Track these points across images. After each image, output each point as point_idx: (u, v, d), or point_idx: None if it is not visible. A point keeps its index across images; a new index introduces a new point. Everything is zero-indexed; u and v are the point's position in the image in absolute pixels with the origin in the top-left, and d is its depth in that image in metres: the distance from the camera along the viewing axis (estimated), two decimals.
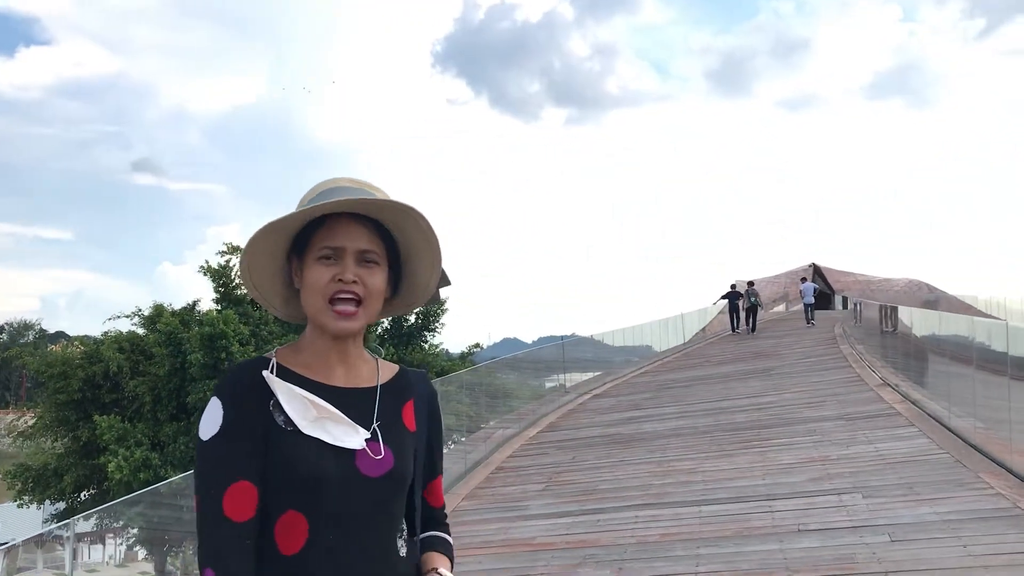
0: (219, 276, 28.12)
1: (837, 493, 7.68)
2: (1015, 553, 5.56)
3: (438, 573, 1.79)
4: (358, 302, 1.69)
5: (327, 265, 1.68)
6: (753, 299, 29.59)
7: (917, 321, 14.98)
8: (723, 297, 31.62)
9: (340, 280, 1.67)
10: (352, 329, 1.71)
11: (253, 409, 1.65)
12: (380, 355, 1.87)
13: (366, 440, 1.68)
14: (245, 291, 27.72)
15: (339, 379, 1.74)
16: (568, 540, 7.45)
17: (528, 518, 8.48)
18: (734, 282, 32.24)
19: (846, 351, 20.52)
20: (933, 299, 41.96)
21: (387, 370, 1.83)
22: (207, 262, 28.08)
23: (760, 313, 31.35)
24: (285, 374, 1.69)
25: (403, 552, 1.74)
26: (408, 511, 1.79)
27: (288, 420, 1.65)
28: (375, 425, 1.72)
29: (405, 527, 1.77)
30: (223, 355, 23.70)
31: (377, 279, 1.71)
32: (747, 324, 29.97)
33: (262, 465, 1.63)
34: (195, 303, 28.06)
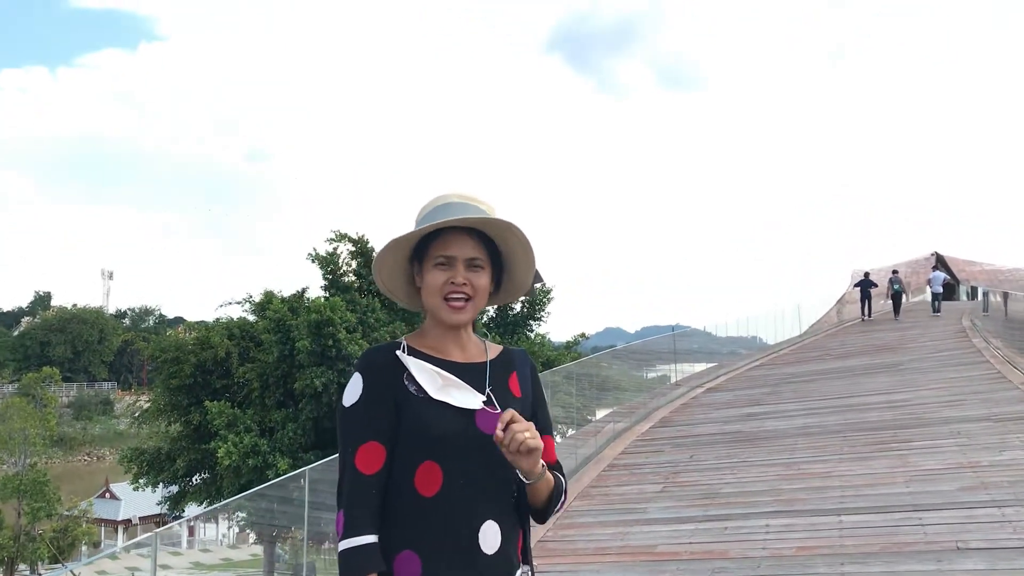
0: (327, 264, 28.13)
1: (997, 505, 6.84)
2: None
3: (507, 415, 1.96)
4: (467, 299, 2.08)
5: (442, 270, 2.07)
6: (897, 286, 30.02)
7: None
8: (856, 284, 32.09)
9: (452, 283, 2.06)
10: (462, 320, 2.10)
11: (387, 382, 2.03)
12: (487, 338, 2.24)
13: (483, 403, 2.05)
14: (352, 279, 27.96)
15: (457, 356, 2.12)
16: (693, 550, 6.83)
17: (647, 523, 7.90)
18: (867, 269, 32.67)
19: (979, 345, 19.20)
20: None
21: (494, 349, 2.21)
22: (315, 249, 28.22)
23: (903, 299, 31.45)
24: (414, 353, 2.08)
25: (516, 494, 2.07)
26: None
27: (420, 388, 2.02)
28: (488, 390, 2.08)
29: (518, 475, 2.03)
30: (330, 342, 23.53)
31: (483, 280, 2.10)
32: (894, 310, 30.20)
33: (393, 428, 2.00)
34: (304, 290, 28.12)
